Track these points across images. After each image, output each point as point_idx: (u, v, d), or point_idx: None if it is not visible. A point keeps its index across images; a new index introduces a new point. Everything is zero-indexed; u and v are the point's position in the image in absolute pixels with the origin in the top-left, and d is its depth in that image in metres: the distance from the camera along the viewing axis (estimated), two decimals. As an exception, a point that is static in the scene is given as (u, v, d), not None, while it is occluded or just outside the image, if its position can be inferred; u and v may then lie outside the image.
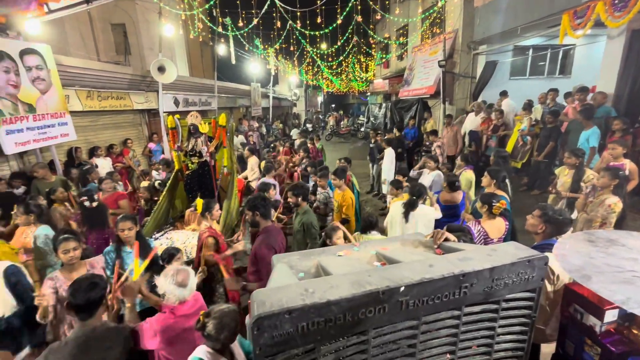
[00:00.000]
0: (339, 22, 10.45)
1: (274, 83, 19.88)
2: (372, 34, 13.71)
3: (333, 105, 37.26)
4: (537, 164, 6.22)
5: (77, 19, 9.44)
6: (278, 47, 13.95)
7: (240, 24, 10.15)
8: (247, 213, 2.83)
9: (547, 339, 2.02)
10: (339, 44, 13.61)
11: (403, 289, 1.14)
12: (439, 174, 4.81)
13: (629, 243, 1.58)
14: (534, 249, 1.36)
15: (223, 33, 10.65)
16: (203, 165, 4.52)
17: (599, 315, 1.52)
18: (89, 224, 3.83)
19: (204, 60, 16.03)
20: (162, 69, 7.63)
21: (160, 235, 3.93)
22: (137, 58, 10.90)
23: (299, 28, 10.33)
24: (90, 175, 5.14)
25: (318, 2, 9.25)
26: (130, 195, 5.28)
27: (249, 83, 16.26)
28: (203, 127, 4.48)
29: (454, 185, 3.92)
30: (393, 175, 6.05)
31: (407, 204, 3.37)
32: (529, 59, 9.29)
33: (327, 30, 11.31)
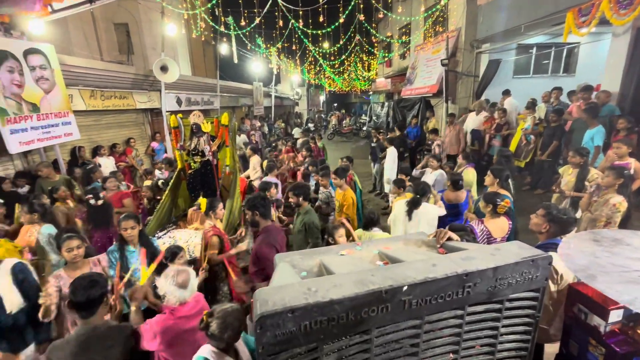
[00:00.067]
0: (341, 20, 10.42)
1: (276, 82, 19.90)
2: (374, 33, 13.64)
3: (335, 104, 37.23)
4: (540, 163, 6.19)
5: (80, 19, 9.51)
6: (280, 46, 13.96)
7: (243, 23, 10.14)
8: (246, 212, 2.83)
9: (550, 339, 2.01)
10: (341, 43, 13.58)
11: (406, 289, 1.13)
12: (442, 173, 4.80)
13: (634, 242, 1.56)
14: (538, 249, 1.35)
15: (225, 32, 10.66)
16: (205, 165, 4.53)
17: (604, 316, 1.51)
18: (94, 222, 3.86)
19: (207, 60, 16.05)
20: (164, 69, 7.65)
21: (163, 234, 3.93)
22: (139, 57, 10.96)
23: (301, 27, 10.32)
24: (94, 175, 5.16)
25: (320, 0, 9.23)
26: (134, 195, 5.30)
27: (251, 82, 16.26)
28: (205, 126, 4.48)
29: (458, 184, 3.92)
30: (395, 175, 6.03)
31: (410, 202, 3.39)
32: (533, 58, 9.18)
33: (329, 29, 11.28)
